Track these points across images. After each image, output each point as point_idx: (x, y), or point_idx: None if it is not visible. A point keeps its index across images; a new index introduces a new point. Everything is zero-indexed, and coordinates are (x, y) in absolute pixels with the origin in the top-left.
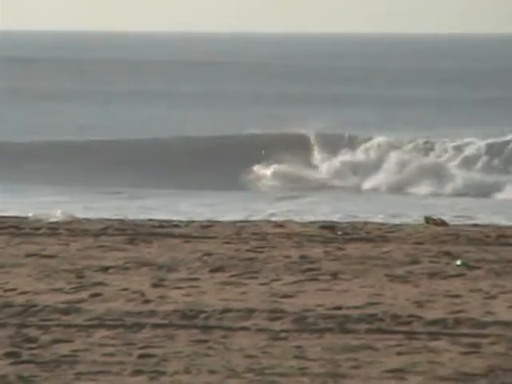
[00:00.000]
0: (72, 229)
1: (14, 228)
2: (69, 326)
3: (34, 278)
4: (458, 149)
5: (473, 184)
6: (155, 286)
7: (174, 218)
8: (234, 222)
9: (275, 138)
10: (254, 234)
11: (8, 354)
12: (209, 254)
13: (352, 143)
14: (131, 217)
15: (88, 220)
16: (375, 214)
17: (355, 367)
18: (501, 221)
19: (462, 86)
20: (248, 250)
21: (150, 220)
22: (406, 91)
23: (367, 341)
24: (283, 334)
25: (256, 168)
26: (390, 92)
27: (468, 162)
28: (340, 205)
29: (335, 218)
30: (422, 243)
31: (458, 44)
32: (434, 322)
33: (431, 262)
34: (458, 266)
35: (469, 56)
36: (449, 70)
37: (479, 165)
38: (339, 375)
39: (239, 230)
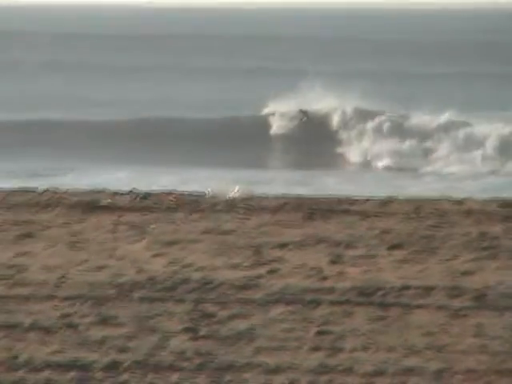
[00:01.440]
0: (249, 205)
1: (192, 204)
2: (246, 301)
3: (211, 254)
4: None
5: None
6: (333, 262)
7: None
8: (413, 199)
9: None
10: (432, 211)
11: (186, 330)
12: (387, 232)
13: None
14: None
15: (265, 196)
16: None
17: None
18: None
19: None
20: (426, 228)
21: (328, 197)
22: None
23: None
24: (463, 312)
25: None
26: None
27: None
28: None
29: None
30: None
31: None
32: None
33: None
34: None
35: None
36: None
37: None
38: None
39: (418, 207)
